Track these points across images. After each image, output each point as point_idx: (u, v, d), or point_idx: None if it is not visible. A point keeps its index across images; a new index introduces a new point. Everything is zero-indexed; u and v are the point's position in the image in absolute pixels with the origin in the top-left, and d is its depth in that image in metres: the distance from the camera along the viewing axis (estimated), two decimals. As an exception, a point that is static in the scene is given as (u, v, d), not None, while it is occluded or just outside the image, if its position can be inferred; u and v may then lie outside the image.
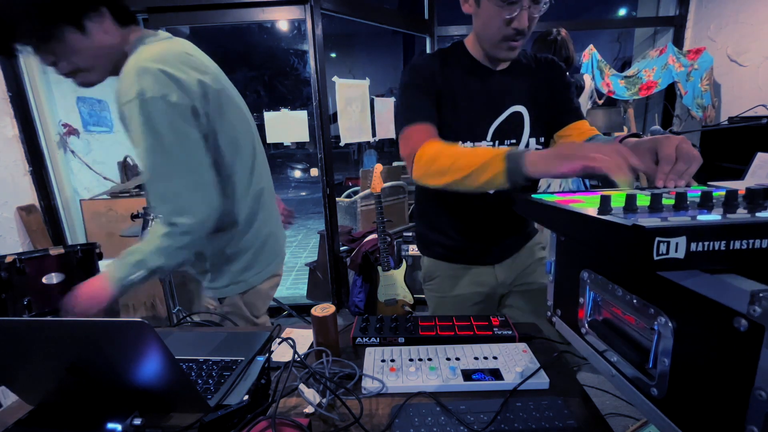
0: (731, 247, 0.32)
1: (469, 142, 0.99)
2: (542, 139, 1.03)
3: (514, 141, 1.01)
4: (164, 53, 0.82)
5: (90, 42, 0.81)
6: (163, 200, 0.84)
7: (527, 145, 1.01)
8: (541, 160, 0.68)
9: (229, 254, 1.01)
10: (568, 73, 2.13)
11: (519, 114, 1.00)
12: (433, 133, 0.92)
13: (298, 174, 11.24)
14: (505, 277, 1.14)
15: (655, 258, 0.32)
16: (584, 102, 2.18)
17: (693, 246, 0.32)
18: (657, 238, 0.32)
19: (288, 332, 0.92)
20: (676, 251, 0.32)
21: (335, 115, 2.73)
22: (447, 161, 0.80)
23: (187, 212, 0.84)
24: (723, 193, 0.41)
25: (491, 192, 1.03)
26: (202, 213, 0.86)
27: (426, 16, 2.95)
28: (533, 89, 1.01)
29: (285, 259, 1.19)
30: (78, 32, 0.79)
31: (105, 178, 2.86)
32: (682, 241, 0.31)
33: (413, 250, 2.71)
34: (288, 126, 2.74)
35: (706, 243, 0.32)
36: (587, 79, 2.16)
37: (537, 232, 1.20)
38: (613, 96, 2.74)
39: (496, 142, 1.00)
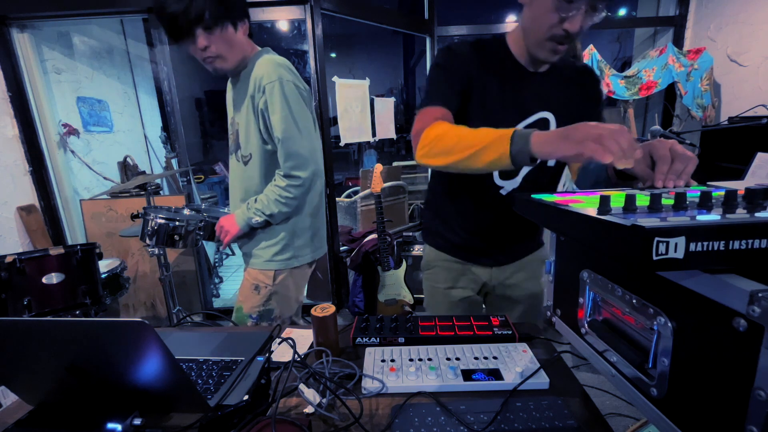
0: (730, 247, 0.32)
1: None
2: None
3: None
4: (285, 60, 1.18)
5: (237, 37, 1.15)
6: (288, 157, 1.14)
7: None
8: (547, 141, 0.67)
9: (297, 230, 1.27)
10: None
11: (545, 120, 0.97)
12: (448, 116, 0.91)
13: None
14: (497, 282, 1.14)
15: (655, 258, 0.32)
16: None
17: (692, 246, 0.32)
18: (656, 238, 0.32)
19: (288, 332, 0.92)
20: (675, 251, 0.32)
21: (335, 118, 2.73)
22: (452, 140, 0.80)
23: (303, 168, 1.15)
24: (722, 193, 0.41)
25: (504, 194, 1.02)
26: (312, 171, 1.16)
27: (426, 16, 2.95)
28: (566, 96, 0.98)
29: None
30: (233, 28, 1.13)
31: (105, 178, 2.87)
32: (681, 241, 0.31)
33: (413, 250, 2.71)
34: (288, 126, 2.73)
35: (705, 243, 0.32)
36: None
37: (542, 246, 1.18)
38: (613, 96, 2.74)
39: None
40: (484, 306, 1.22)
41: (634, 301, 0.45)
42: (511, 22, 3.03)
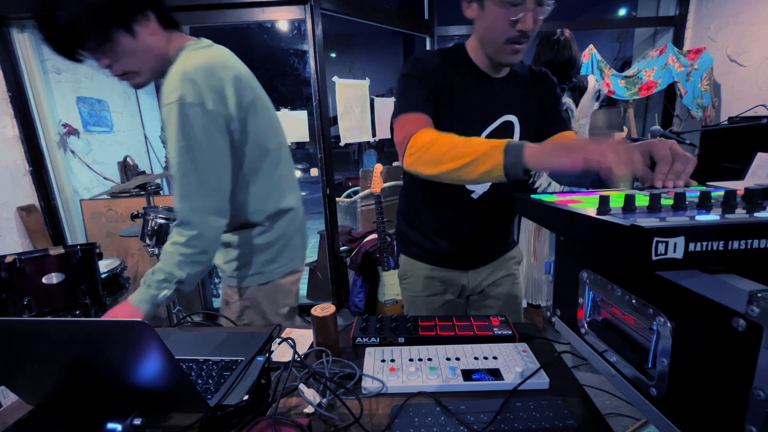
0: (729, 248, 0.32)
1: None
2: None
3: None
4: (206, 62, 0.89)
5: (139, 45, 0.89)
6: (183, 198, 0.90)
7: None
8: (541, 152, 0.66)
9: (255, 246, 1.08)
10: (572, 74, 2.12)
11: (510, 123, 1.00)
12: (429, 123, 0.90)
13: (298, 174, 11.22)
14: (476, 284, 1.16)
15: (654, 258, 0.32)
16: (587, 103, 2.17)
17: (691, 246, 0.32)
18: (655, 239, 0.32)
19: (288, 332, 0.92)
20: (674, 251, 0.32)
21: (335, 118, 2.73)
22: (443, 148, 0.78)
23: (197, 214, 0.91)
24: (722, 193, 0.41)
25: (475, 197, 1.04)
26: (213, 216, 0.93)
27: (426, 16, 2.95)
28: (526, 99, 1.02)
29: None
30: (128, 35, 0.87)
31: (105, 178, 2.87)
32: (680, 241, 0.31)
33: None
34: (288, 126, 2.72)
35: (705, 243, 0.32)
36: (591, 80, 2.15)
37: (515, 245, 1.21)
38: (613, 96, 2.74)
39: None
40: (466, 309, 1.23)
41: (634, 301, 0.45)
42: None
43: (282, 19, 2.45)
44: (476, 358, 0.76)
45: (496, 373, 0.71)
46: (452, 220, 1.08)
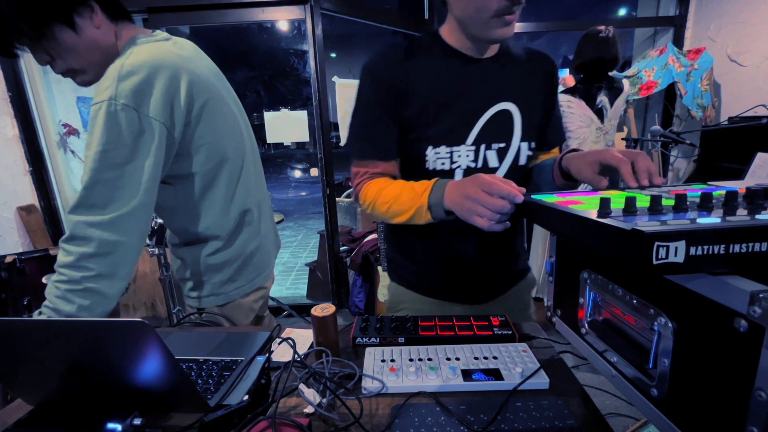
0: (731, 251, 0.32)
1: (443, 146, 0.83)
2: (533, 145, 0.88)
3: (503, 145, 0.85)
4: (152, 58, 0.77)
5: (82, 39, 0.79)
6: (84, 209, 0.75)
7: (518, 150, 0.86)
8: (455, 202, 0.67)
9: (210, 265, 0.97)
10: (610, 74, 2.14)
11: (507, 113, 0.84)
12: (378, 168, 0.86)
13: (298, 174, 11.28)
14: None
15: (655, 263, 0.32)
16: (621, 105, 2.22)
17: (692, 250, 0.32)
18: (656, 243, 0.31)
19: (288, 332, 0.92)
20: (675, 255, 0.32)
21: (336, 125, 2.73)
22: (382, 208, 0.81)
23: (107, 227, 0.76)
24: (723, 192, 0.41)
25: None
26: (130, 234, 0.79)
27: (426, 16, 2.95)
28: (524, 84, 0.85)
29: (284, 260, 1.21)
30: (69, 29, 0.77)
31: (105, 177, 2.87)
32: (681, 245, 0.31)
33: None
34: (288, 126, 2.75)
35: (706, 247, 0.32)
36: (626, 83, 2.20)
37: (529, 271, 1.03)
38: (613, 96, 2.73)
39: (482, 146, 0.84)
40: None
41: (635, 301, 0.45)
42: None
43: (282, 19, 2.45)
44: (476, 358, 0.76)
45: (496, 373, 0.71)
46: (449, 241, 0.90)
